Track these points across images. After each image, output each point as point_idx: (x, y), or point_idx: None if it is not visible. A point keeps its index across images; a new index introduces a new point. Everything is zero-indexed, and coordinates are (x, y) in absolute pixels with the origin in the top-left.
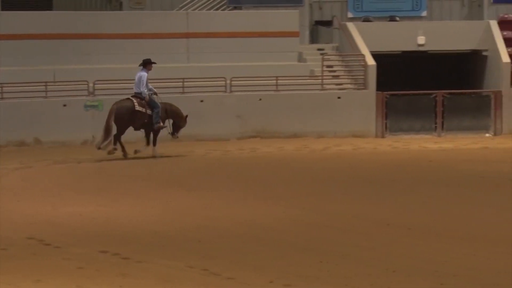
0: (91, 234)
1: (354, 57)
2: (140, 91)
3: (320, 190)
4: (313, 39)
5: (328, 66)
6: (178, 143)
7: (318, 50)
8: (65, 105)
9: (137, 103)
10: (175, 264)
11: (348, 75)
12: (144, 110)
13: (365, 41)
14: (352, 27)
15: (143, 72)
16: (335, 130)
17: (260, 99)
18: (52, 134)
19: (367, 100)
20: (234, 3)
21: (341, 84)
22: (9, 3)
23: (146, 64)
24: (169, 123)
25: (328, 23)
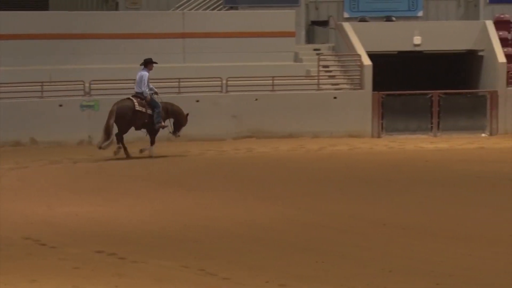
0: (87, 234)
1: (350, 57)
2: (142, 91)
3: (317, 190)
4: (309, 39)
5: (324, 66)
6: (174, 143)
7: (314, 50)
8: (61, 105)
9: (137, 103)
10: (171, 264)
11: (344, 75)
12: (145, 110)
13: (361, 41)
14: (348, 27)
15: (144, 72)
16: (331, 130)
17: (256, 99)
18: (48, 134)
19: (363, 100)
20: (230, 3)
21: (337, 84)
22: (5, 3)
23: (147, 64)
24: (170, 122)
25: (324, 23)
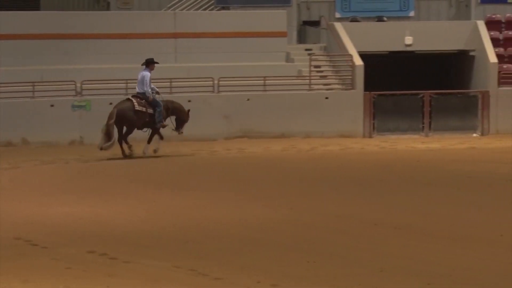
0: (79, 235)
1: (342, 57)
2: (144, 91)
3: (308, 190)
4: (301, 39)
5: (316, 66)
6: (166, 143)
7: (306, 50)
8: (53, 105)
9: (137, 103)
10: (163, 265)
11: (336, 75)
12: (145, 110)
13: (353, 41)
14: (340, 27)
15: (146, 72)
16: (323, 130)
17: (248, 99)
18: (40, 134)
19: (355, 100)
20: (222, 3)
21: (329, 84)
22: None
23: (149, 64)
24: (171, 120)
25: (316, 23)
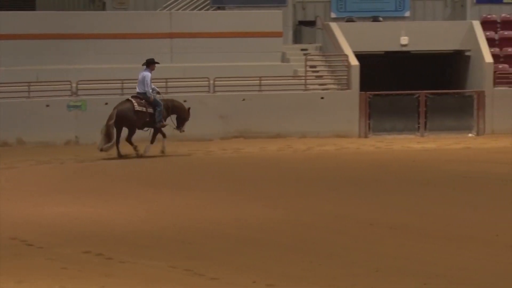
0: (75, 235)
1: (338, 57)
2: (144, 91)
3: (304, 190)
4: (297, 39)
5: (312, 66)
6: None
7: (302, 50)
8: (48, 105)
9: (137, 104)
10: (159, 265)
11: (332, 75)
12: (145, 110)
13: (348, 41)
14: (336, 27)
15: (147, 72)
16: (319, 130)
17: (244, 99)
18: (35, 135)
19: (350, 100)
20: (218, 3)
21: (325, 84)
22: None
23: (149, 64)
24: (172, 119)
25: (311, 23)
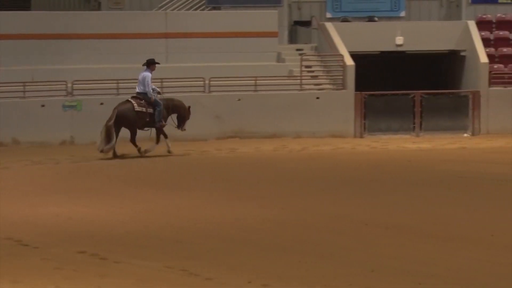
0: (70, 235)
1: (333, 57)
2: (144, 91)
3: (299, 190)
4: (292, 39)
5: (307, 66)
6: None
7: (297, 50)
8: (44, 105)
9: (137, 104)
10: (154, 265)
11: (327, 75)
12: (145, 110)
13: (344, 41)
14: (331, 27)
15: (147, 73)
16: (314, 130)
17: (239, 99)
18: (31, 135)
19: (346, 100)
20: (213, 3)
21: (320, 84)
22: None
23: (150, 64)
24: (172, 118)
25: (307, 23)
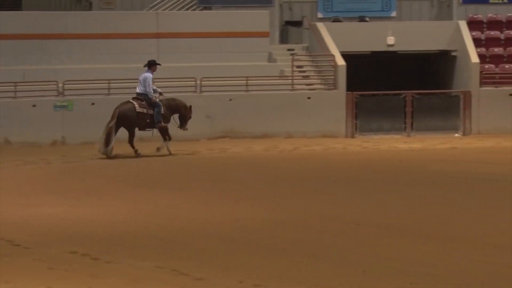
0: (61, 235)
1: (324, 57)
2: (146, 92)
3: (291, 190)
4: (283, 40)
5: (298, 66)
6: (148, 144)
7: (288, 51)
8: (35, 106)
9: (138, 105)
10: (145, 265)
11: (318, 75)
12: (146, 111)
13: (335, 42)
14: (322, 28)
15: (148, 74)
16: (305, 130)
17: (230, 99)
18: (22, 135)
19: (337, 100)
20: (204, 3)
21: (311, 85)
22: None
23: (151, 65)
24: (174, 118)
25: (298, 24)
